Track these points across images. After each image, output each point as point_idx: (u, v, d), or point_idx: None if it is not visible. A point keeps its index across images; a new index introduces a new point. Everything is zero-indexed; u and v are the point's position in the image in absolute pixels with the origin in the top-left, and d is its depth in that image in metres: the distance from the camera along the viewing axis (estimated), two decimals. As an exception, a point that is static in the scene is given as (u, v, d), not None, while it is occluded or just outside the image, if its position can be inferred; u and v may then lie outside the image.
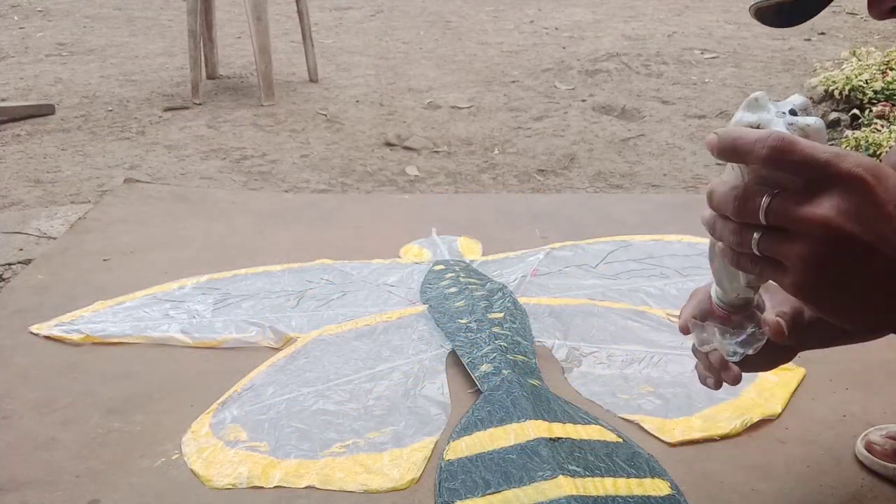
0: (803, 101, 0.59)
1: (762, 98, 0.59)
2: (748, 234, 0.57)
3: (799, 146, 0.53)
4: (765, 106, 0.59)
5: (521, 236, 1.93)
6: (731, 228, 0.58)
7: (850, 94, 2.69)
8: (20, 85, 3.46)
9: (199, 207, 2.12)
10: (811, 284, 0.55)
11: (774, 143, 0.53)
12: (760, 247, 0.56)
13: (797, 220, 0.53)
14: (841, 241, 0.52)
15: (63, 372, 1.36)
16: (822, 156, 0.52)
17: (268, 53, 3.16)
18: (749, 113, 0.59)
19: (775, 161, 0.54)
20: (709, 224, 0.60)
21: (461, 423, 1.19)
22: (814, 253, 0.53)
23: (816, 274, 0.54)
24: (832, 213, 0.52)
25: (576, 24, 4.91)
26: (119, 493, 1.08)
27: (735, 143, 0.55)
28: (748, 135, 0.55)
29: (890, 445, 1.10)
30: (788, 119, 0.58)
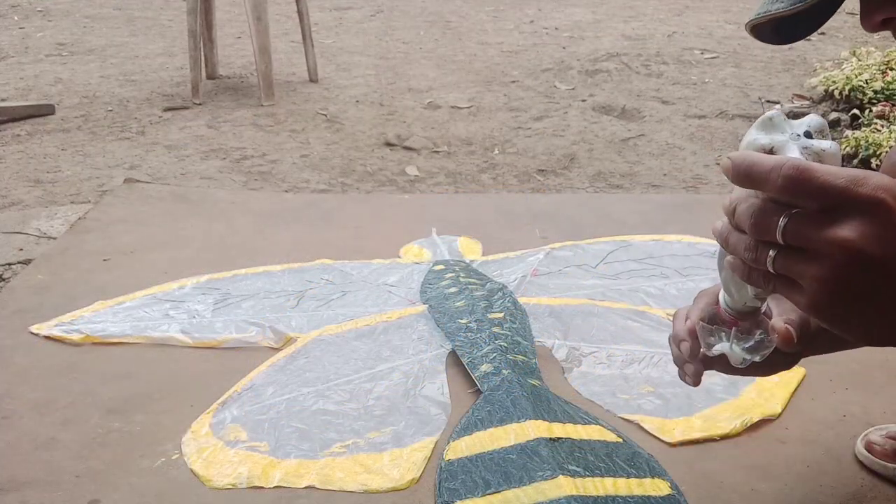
0: (819, 123, 0.58)
1: (777, 118, 0.58)
2: (764, 251, 0.56)
3: (815, 174, 0.52)
4: (779, 126, 0.58)
5: (521, 236, 1.93)
6: (747, 244, 0.57)
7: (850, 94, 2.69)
8: (20, 85, 3.46)
9: (199, 207, 2.12)
10: (827, 304, 0.55)
11: (790, 171, 0.53)
12: (776, 265, 0.56)
13: (817, 241, 0.53)
14: (861, 263, 0.52)
15: (63, 372, 1.36)
16: (840, 182, 0.52)
17: (268, 53, 3.16)
18: (763, 134, 0.58)
19: (791, 190, 0.53)
20: (721, 236, 0.60)
21: (461, 423, 1.19)
22: (833, 275, 0.53)
23: (834, 295, 0.54)
24: (853, 235, 0.52)
25: (576, 24, 4.91)
26: (119, 493, 1.08)
27: (750, 171, 0.54)
28: (763, 162, 0.54)
29: (890, 445, 1.10)
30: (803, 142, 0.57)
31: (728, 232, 0.59)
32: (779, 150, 0.57)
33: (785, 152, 0.56)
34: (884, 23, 0.75)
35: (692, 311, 0.80)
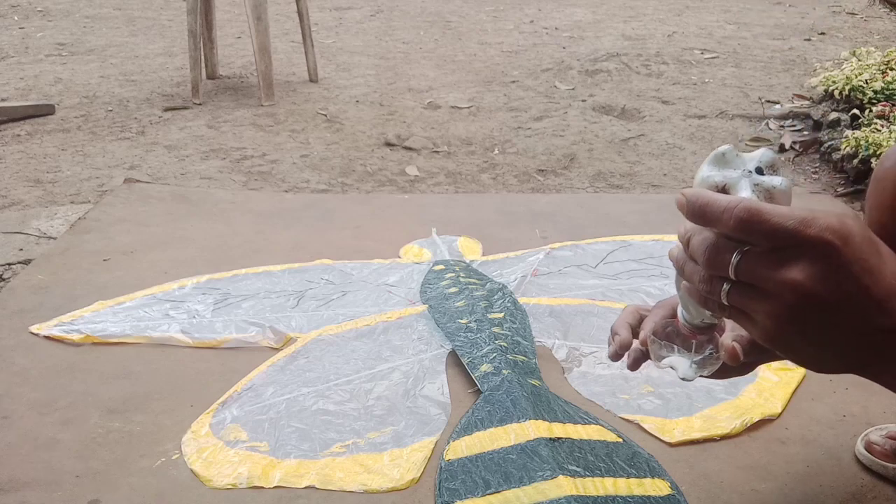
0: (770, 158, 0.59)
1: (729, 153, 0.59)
2: (718, 284, 0.58)
3: (765, 217, 0.54)
4: (731, 162, 0.59)
5: (521, 236, 1.93)
6: (701, 276, 0.59)
7: (850, 94, 2.69)
8: (20, 85, 3.46)
9: (199, 207, 2.12)
10: (778, 338, 0.57)
11: (741, 213, 0.54)
12: (730, 299, 0.57)
13: (768, 280, 0.55)
14: (810, 303, 0.54)
15: (63, 372, 1.36)
16: (789, 224, 0.53)
17: (268, 53, 3.16)
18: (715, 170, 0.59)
19: (742, 231, 0.55)
20: (678, 262, 0.61)
21: (461, 423, 1.19)
22: (783, 312, 0.55)
23: (784, 330, 0.56)
24: (801, 276, 0.53)
25: (576, 24, 4.91)
26: (119, 493, 1.08)
27: (703, 210, 0.56)
28: (715, 202, 0.56)
29: (890, 445, 1.10)
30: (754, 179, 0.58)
31: (684, 261, 0.60)
32: (731, 187, 0.58)
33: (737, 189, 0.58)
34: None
35: (646, 322, 0.82)
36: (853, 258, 0.53)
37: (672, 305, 0.79)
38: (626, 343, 0.85)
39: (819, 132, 2.71)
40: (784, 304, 0.54)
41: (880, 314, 0.54)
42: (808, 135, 2.76)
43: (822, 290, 0.53)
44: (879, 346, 0.56)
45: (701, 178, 0.59)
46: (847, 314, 0.54)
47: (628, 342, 0.85)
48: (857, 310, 0.54)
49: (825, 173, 2.46)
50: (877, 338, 0.55)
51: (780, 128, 2.88)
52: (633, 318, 0.87)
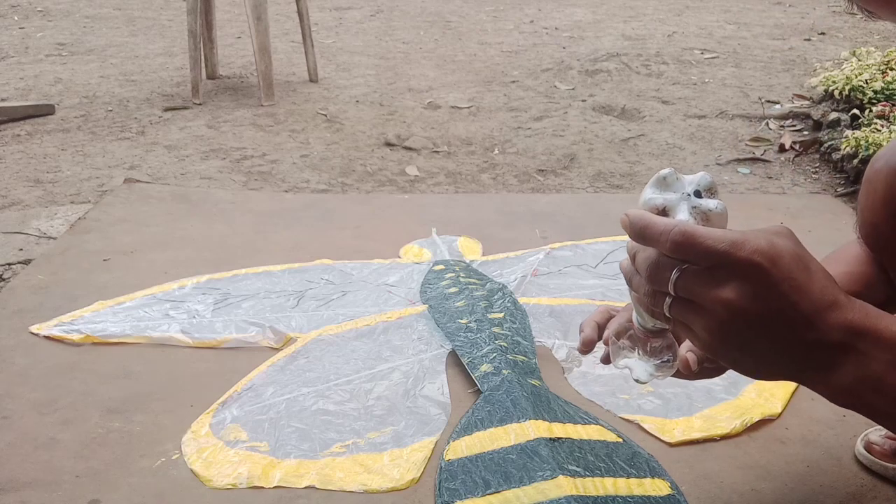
0: (708, 182, 0.64)
1: (670, 177, 0.64)
2: (661, 298, 0.62)
3: (699, 240, 0.58)
4: (672, 185, 0.63)
5: (521, 236, 1.93)
6: (646, 290, 0.63)
7: (850, 94, 2.69)
8: (20, 85, 3.46)
9: (199, 207, 2.12)
10: (716, 349, 0.61)
11: (676, 237, 0.59)
12: (672, 311, 0.62)
13: (702, 297, 0.59)
14: (742, 318, 0.58)
15: (63, 372, 1.36)
16: (721, 247, 0.58)
17: (268, 53, 3.16)
18: (658, 192, 0.64)
19: (678, 252, 0.59)
20: (627, 275, 0.66)
21: (461, 423, 1.19)
22: (717, 327, 0.59)
23: (720, 342, 0.60)
24: (732, 295, 0.58)
25: (576, 24, 4.91)
26: (119, 493, 1.08)
27: (643, 232, 0.61)
28: (654, 225, 0.60)
29: (889, 445, 1.10)
30: (693, 202, 0.63)
31: (632, 273, 0.65)
32: (671, 210, 0.63)
33: (676, 212, 0.63)
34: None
35: (611, 323, 0.87)
36: (781, 277, 0.58)
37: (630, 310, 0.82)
38: (588, 341, 0.91)
39: (819, 132, 2.71)
40: (717, 319, 0.59)
41: (807, 328, 0.59)
42: (808, 135, 2.76)
43: (752, 308, 0.58)
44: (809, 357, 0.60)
45: (644, 200, 0.64)
46: (776, 328, 0.58)
47: (591, 339, 0.91)
48: (786, 324, 0.58)
49: (825, 173, 2.46)
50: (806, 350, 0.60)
51: (780, 128, 2.88)
52: (602, 317, 0.93)
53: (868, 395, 0.61)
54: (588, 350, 0.91)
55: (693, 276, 0.59)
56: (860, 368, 0.60)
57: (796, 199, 2.25)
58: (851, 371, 0.60)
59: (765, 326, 0.58)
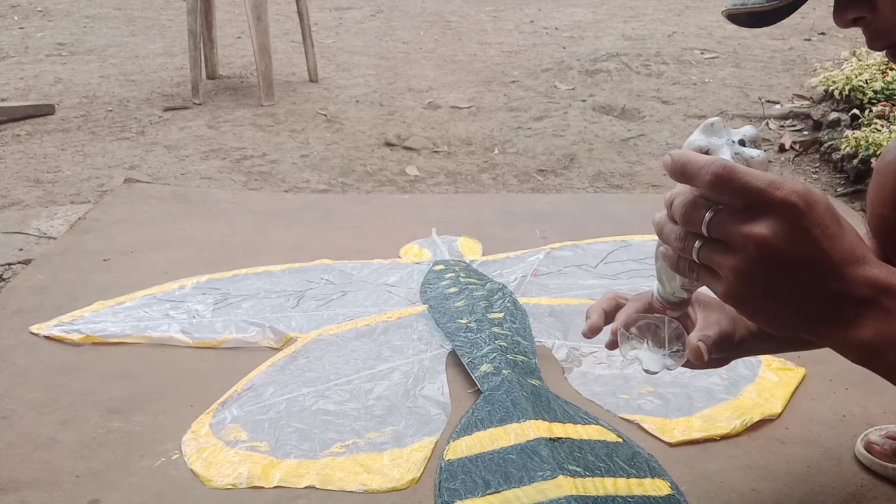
0: (753, 134, 0.65)
1: (717, 124, 0.64)
2: (691, 241, 0.62)
3: (738, 174, 0.58)
4: (718, 131, 0.64)
5: (521, 236, 1.93)
6: (677, 234, 0.63)
7: (850, 94, 2.69)
8: (20, 85, 3.46)
9: (199, 207, 2.12)
10: (740, 294, 0.61)
11: (717, 169, 0.59)
12: (700, 255, 0.62)
13: (735, 235, 0.59)
14: (772, 258, 0.58)
15: (63, 372, 1.36)
16: (759, 183, 0.58)
17: (268, 53, 3.16)
18: (702, 136, 0.64)
19: (717, 186, 0.59)
20: (658, 225, 0.66)
21: (461, 423, 1.19)
22: (746, 267, 0.59)
23: (745, 285, 0.60)
24: (766, 232, 0.57)
25: (576, 24, 4.91)
26: (119, 493, 1.08)
27: (685, 167, 0.61)
28: (695, 160, 0.60)
29: (889, 445, 1.10)
30: (736, 148, 0.63)
31: (664, 223, 0.65)
32: (713, 152, 0.63)
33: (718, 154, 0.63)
34: (855, 20, 0.79)
35: (620, 314, 0.87)
36: (815, 222, 0.58)
37: (646, 299, 0.84)
38: (595, 326, 0.90)
39: (819, 132, 2.71)
40: (748, 257, 0.58)
41: (835, 278, 0.59)
42: (808, 135, 2.76)
43: (784, 247, 0.57)
44: (831, 308, 0.60)
45: (688, 141, 0.65)
46: (804, 274, 0.58)
47: (598, 325, 0.90)
48: (814, 271, 0.58)
49: (825, 173, 2.46)
50: (830, 301, 0.59)
51: (781, 128, 2.88)
52: (609, 304, 0.92)
53: (888, 353, 0.60)
54: (593, 336, 0.91)
55: (727, 214, 0.59)
56: (883, 325, 0.59)
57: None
58: (873, 327, 0.59)
59: (793, 271, 0.58)
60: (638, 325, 0.80)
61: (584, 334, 0.91)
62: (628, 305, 0.87)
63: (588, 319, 0.91)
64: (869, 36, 0.79)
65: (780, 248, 0.57)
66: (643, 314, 0.82)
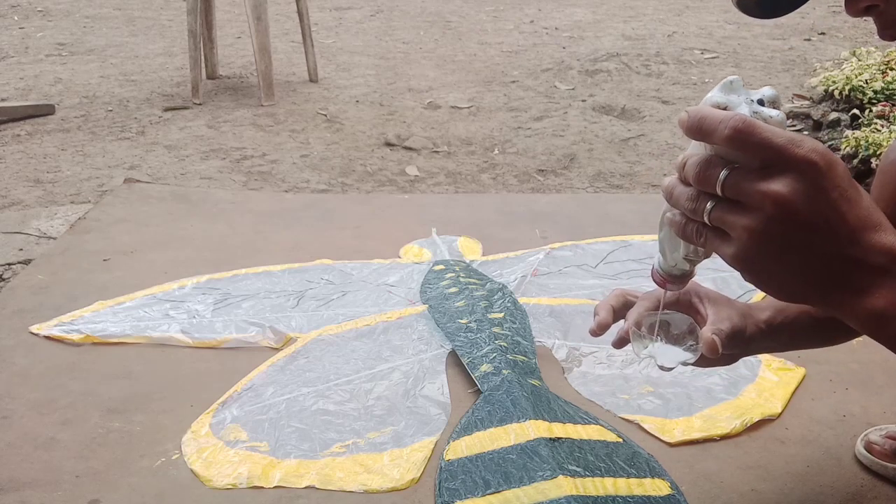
0: (773, 94, 0.62)
1: (736, 82, 0.62)
2: (703, 202, 0.60)
3: (758, 129, 0.56)
4: (737, 90, 0.62)
5: (521, 236, 1.93)
6: (689, 195, 0.61)
7: (850, 94, 2.69)
8: (20, 85, 3.46)
9: (199, 207, 2.12)
10: (751, 257, 0.59)
11: (736, 124, 0.56)
12: (712, 216, 0.60)
13: (751, 193, 0.57)
14: (788, 218, 0.56)
15: (63, 372, 1.36)
16: (779, 140, 0.56)
17: (268, 53, 3.16)
18: (720, 93, 0.62)
19: (735, 141, 0.57)
20: (668, 189, 0.64)
21: (461, 423, 1.19)
22: (761, 226, 0.57)
23: (758, 246, 0.58)
24: (784, 189, 0.55)
25: (576, 24, 4.91)
26: (119, 493, 1.08)
27: (701, 123, 0.59)
28: (714, 115, 0.58)
29: (890, 445, 1.10)
30: (754, 107, 0.61)
31: (674, 185, 0.63)
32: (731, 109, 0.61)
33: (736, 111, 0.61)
34: (867, 9, 0.78)
35: (631, 313, 0.85)
36: (834, 183, 0.56)
37: (657, 297, 0.83)
38: (603, 323, 0.88)
39: (819, 132, 2.71)
40: (764, 216, 0.56)
41: (850, 243, 0.57)
42: (808, 135, 2.76)
43: (802, 207, 0.56)
44: (844, 275, 0.58)
45: (705, 98, 0.63)
46: (820, 237, 0.57)
47: (606, 323, 0.88)
48: (831, 234, 0.57)
49: (825, 173, 2.46)
50: (844, 266, 0.58)
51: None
52: (618, 301, 0.90)
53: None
54: (601, 333, 0.89)
55: (744, 172, 0.57)
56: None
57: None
58: (886, 296, 0.58)
59: (809, 232, 0.56)
60: (650, 324, 0.79)
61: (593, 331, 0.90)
62: (638, 304, 0.86)
63: (596, 316, 0.90)
64: (880, 24, 0.78)
65: (797, 208, 0.55)
66: (654, 312, 0.81)
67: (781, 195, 0.55)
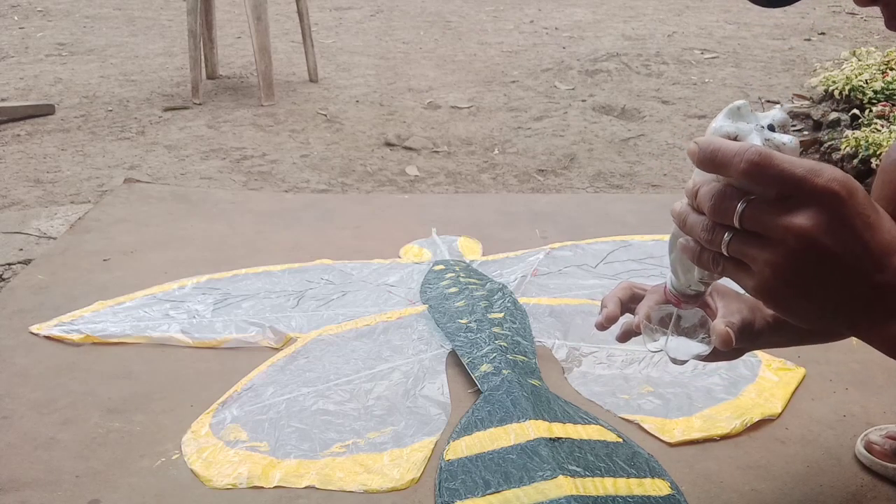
0: (783, 118, 0.61)
1: (744, 108, 0.60)
2: (720, 233, 0.58)
3: (776, 161, 0.55)
4: (745, 116, 0.60)
5: (521, 236, 1.93)
6: (703, 225, 0.59)
7: (850, 94, 2.69)
8: (20, 85, 3.46)
9: (199, 207, 2.12)
10: (774, 289, 0.57)
11: (753, 157, 0.55)
12: (730, 248, 0.58)
13: (772, 227, 0.55)
14: (812, 251, 0.55)
15: (63, 372, 1.36)
16: (798, 171, 0.54)
17: (268, 53, 3.16)
18: (729, 121, 0.60)
19: (753, 175, 0.55)
20: (680, 216, 0.62)
21: (461, 423, 1.19)
22: (784, 260, 0.55)
23: (782, 280, 0.56)
24: (808, 223, 0.54)
25: (576, 24, 4.91)
26: (119, 493, 1.08)
27: (715, 155, 0.57)
28: (727, 148, 0.56)
29: (890, 445, 1.10)
30: (766, 134, 0.59)
31: (687, 213, 0.61)
32: (742, 139, 0.59)
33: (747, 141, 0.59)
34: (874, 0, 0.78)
35: (641, 307, 0.84)
36: (856, 211, 0.54)
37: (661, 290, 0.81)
38: (612, 316, 0.87)
39: (819, 132, 2.71)
40: (787, 250, 0.55)
41: (876, 270, 0.55)
42: (808, 135, 2.76)
43: (826, 240, 0.54)
44: (872, 302, 0.57)
45: (714, 128, 0.61)
46: (845, 267, 0.55)
47: (615, 315, 0.87)
48: (856, 264, 0.55)
49: (825, 173, 2.46)
50: (871, 293, 0.56)
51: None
52: (625, 293, 0.89)
53: None
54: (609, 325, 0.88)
55: (763, 205, 0.56)
56: None
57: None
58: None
59: (834, 263, 0.55)
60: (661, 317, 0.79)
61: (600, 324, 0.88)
62: (648, 297, 0.85)
63: (604, 309, 0.88)
64: (888, 14, 0.78)
65: (821, 240, 0.54)
66: (664, 305, 0.80)
67: (804, 229, 0.54)
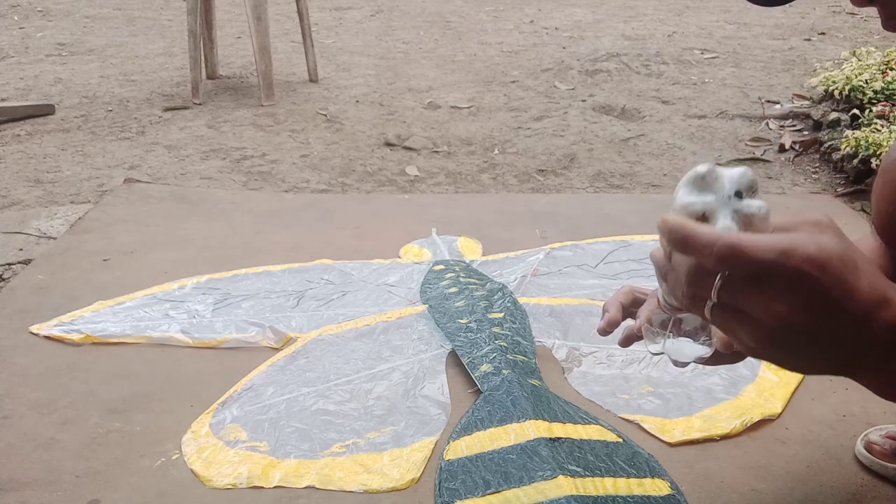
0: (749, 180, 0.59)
1: (709, 175, 0.59)
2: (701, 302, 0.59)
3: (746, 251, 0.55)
4: (711, 185, 0.59)
5: (521, 236, 1.93)
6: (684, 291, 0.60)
7: (850, 94, 2.69)
8: (20, 85, 3.46)
9: (199, 207, 2.12)
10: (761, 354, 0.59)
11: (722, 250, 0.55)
12: (713, 318, 0.59)
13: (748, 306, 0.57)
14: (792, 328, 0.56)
15: (63, 372, 1.36)
16: (769, 257, 0.54)
17: (268, 53, 3.16)
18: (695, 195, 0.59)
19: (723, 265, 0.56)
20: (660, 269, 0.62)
21: (461, 423, 1.19)
22: (764, 335, 0.57)
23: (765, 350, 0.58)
24: (784, 308, 0.55)
25: (576, 24, 4.91)
26: (119, 493, 1.08)
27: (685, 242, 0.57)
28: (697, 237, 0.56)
29: (890, 445, 1.10)
30: (734, 205, 0.59)
31: (667, 270, 0.61)
32: (711, 215, 0.59)
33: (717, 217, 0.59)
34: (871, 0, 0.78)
35: (642, 310, 0.84)
36: (831, 283, 0.55)
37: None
38: (613, 321, 0.88)
39: (819, 132, 2.71)
40: (765, 328, 0.56)
41: (859, 331, 0.57)
42: (808, 135, 2.76)
43: (804, 318, 0.55)
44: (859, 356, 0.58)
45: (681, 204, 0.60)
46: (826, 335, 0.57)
47: (616, 320, 0.88)
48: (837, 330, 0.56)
49: (825, 173, 2.46)
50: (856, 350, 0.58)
51: (780, 128, 2.88)
52: (627, 298, 0.89)
53: None
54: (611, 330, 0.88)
55: (738, 283, 0.57)
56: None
57: (796, 199, 2.25)
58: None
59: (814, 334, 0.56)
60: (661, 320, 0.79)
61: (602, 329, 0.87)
62: (649, 301, 0.85)
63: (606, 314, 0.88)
64: (885, 15, 0.78)
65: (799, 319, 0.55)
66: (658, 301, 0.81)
67: (781, 312, 0.55)
